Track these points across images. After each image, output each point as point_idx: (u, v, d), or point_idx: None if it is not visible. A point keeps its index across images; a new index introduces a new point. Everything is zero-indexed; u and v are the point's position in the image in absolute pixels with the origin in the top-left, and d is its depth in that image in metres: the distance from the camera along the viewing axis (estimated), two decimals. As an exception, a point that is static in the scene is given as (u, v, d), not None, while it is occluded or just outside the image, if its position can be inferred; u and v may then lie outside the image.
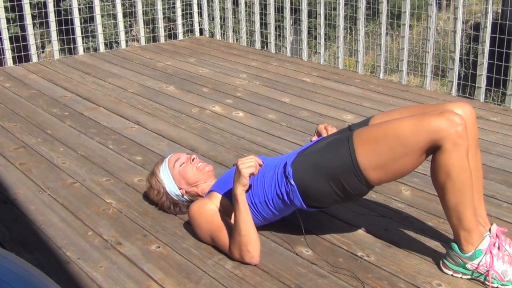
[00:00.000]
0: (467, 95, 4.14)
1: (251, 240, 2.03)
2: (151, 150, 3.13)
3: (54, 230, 2.31)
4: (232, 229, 2.07)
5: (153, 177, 2.40)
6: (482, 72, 3.98)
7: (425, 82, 4.33)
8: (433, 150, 1.85)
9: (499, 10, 5.97)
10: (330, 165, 1.98)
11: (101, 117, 3.65)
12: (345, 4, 4.78)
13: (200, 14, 6.17)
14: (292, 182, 2.04)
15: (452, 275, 1.99)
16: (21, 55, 5.13)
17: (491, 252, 1.92)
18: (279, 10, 5.38)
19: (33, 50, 5.15)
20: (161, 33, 5.92)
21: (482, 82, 4.00)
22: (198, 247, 2.17)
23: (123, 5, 5.76)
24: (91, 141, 3.26)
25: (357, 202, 2.47)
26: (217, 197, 2.19)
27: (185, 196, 2.37)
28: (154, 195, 2.41)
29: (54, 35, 5.26)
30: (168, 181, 2.36)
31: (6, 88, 4.33)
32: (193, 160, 2.38)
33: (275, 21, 5.42)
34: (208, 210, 2.16)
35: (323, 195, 2.03)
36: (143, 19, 5.85)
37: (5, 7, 5.08)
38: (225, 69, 4.84)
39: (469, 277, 1.97)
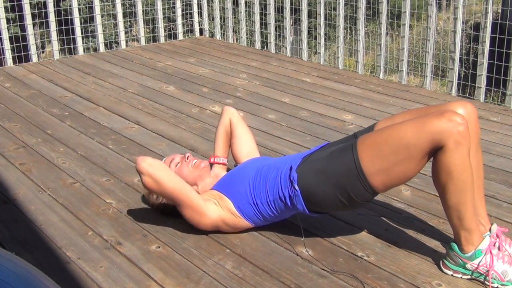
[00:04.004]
0: (467, 95, 4.14)
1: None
2: (151, 150, 3.12)
3: (54, 230, 2.30)
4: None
5: None
6: (482, 72, 3.98)
7: (425, 82, 4.33)
8: (436, 151, 1.85)
9: (499, 10, 5.97)
10: (335, 172, 1.98)
11: (101, 117, 3.65)
12: (345, 4, 4.78)
13: (200, 14, 6.17)
14: (296, 187, 2.04)
15: (452, 275, 1.99)
16: (21, 55, 5.13)
17: (491, 252, 1.92)
18: (279, 10, 5.38)
19: (33, 50, 5.15)
20: (161, 33, 5.92)
21: (482, 82, 4.00)
22: (198, 247, 2.17)
23: (123, 5, 5.76)
24: (91, 141, 3.25)
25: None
26: (219, 196, 2.19)
27: (185, 196, 2.36)
28: (154, 200, 2.38)
29: (54, 35, 5.26)
30: None
31: (6, 88, 4.33)
32: (187, 158, 2.37)
33: (275, 21, 5.42)
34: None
35: (327, 202, 2.03)
36: (143, 19, 5.85)
37: (5, 7, 5.07)
38: (225, 69, 4.83)
39: (469, 277, 1.97)
